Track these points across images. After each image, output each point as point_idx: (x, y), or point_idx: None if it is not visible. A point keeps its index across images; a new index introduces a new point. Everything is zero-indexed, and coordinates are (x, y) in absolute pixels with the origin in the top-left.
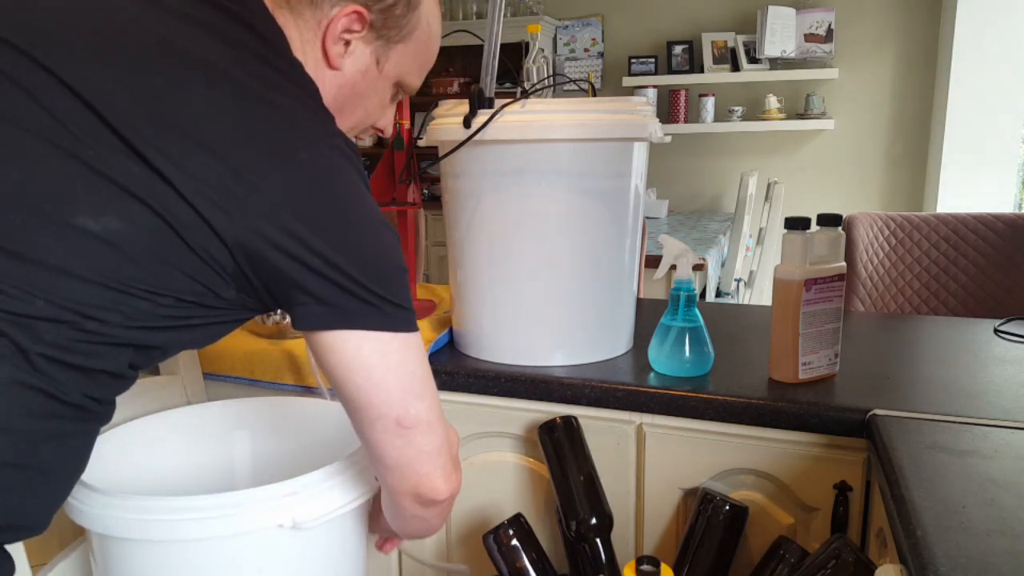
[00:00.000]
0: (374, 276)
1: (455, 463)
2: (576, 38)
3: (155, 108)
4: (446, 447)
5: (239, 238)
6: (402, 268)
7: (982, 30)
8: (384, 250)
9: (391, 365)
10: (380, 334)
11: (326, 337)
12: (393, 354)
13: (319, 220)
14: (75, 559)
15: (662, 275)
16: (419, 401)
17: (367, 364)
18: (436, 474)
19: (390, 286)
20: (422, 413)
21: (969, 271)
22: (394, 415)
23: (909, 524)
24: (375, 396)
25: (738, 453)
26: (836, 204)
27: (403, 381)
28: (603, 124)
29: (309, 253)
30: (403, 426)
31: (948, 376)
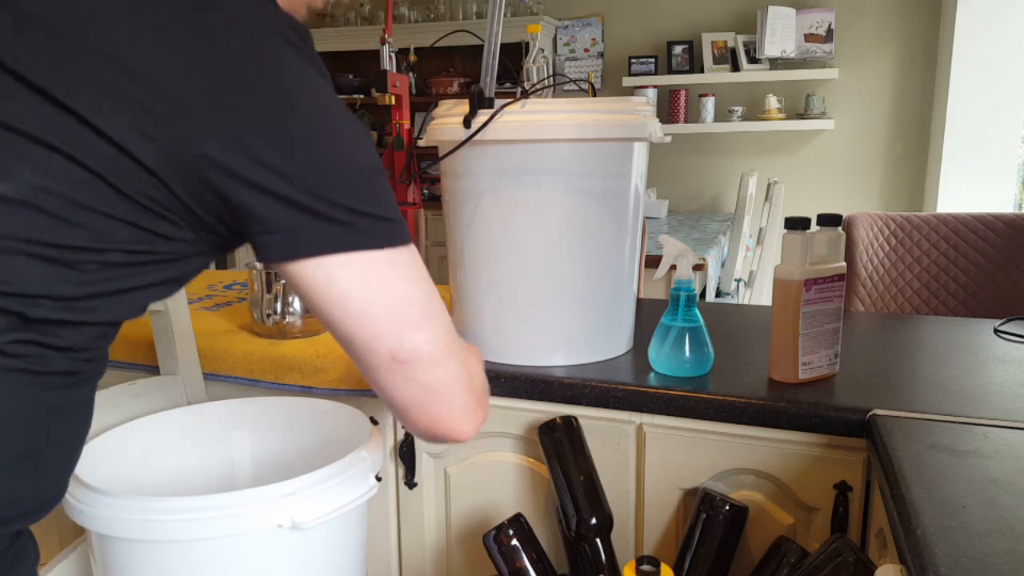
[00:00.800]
0: (338, 183)
1: (478, 397)
2: (576, 38)
3: (58, 38)
4: (461, 381)
5: (169, 165)
6: (375, 169)
7: (982, 30)
8: (348, 149)
9: (373, 291)
10: (353, 255)
11: (293, 268)
12: (373, 278)
13: (259, 121)
14: (75, 559)
15: (662, 275)
16: (417, 331)
17: (343, 293)
18: (450, 414)
19: (359, 193)
20: (421, 344)
21: (969, 271)
22: (387, 350)
23: (909, 524)
24: (360, 330)
25: (738, 453)
26: (836, 204)
27: (392, 308)
28: (603, 124)
29: (252, 165)
30: (400, 361)
31: (948, 376)
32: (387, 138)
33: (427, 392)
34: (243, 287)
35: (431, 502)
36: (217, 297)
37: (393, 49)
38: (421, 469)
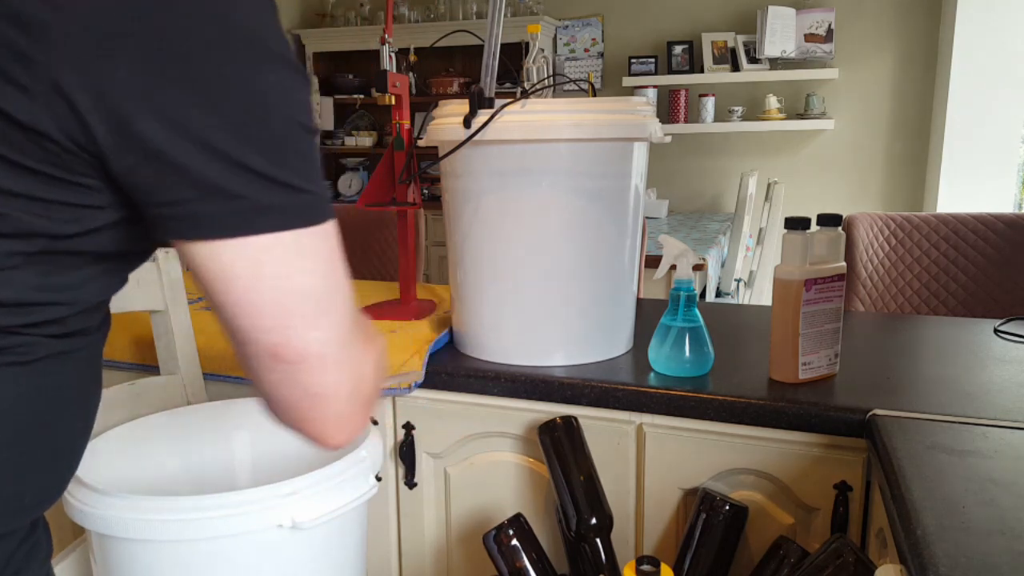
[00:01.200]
0: (245, 137)
1: (360, 406)
2: (576, 38)
3: None
4: (346, 387)
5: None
6: (299, 124)
7: (982, 30)
8: (263, 93)
9: (265, 277)
10: (251, 239)
11: (180, 246)
12: (270, 263)
13: (150, 59)
14: (75, 559)
15: (662, 275)
16: (309, 329)
17: (228, 277)
18: (324, 422)
19: (273, 153)
20: (312, 345)
21: (969, 271)
22: (268, 343)
23: (909, 524)
24: (241, 319)
25: (738, 453)
26: (836, 204)
27: (284, 300)
28: (603, 124)
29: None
30: (282, 359)
31: (948, 376)
32: (387, 138)
33: (306, 396)
34: None
35: (431, 502)
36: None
37: (393, 49)
38: (421, 469)
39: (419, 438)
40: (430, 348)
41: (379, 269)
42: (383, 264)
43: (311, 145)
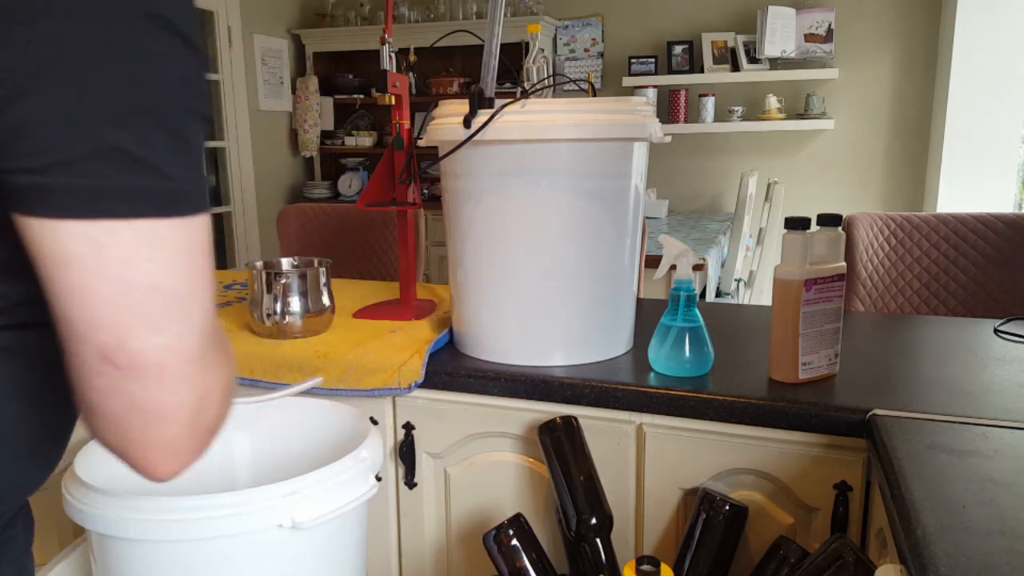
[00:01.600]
0: (111, 108)
1: (199, 434)
2: (576, 38)
3: None
4: (186, 410)
5: None
6: (184, 107)
7: (982, 30)
8: (143, 63)
9: (106, 265)
10: (96, 222)
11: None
12: (115, 251)
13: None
14: (75, 559)
15: (662, 275)
16: (153, 332)
17: (66, 259)
18: (153, 447)
19: (143, 131)
20: (152, 352)
21: (969, 271)
22: (99, 342)
23: (909, 524)
24: (73, 308)
25: (738, 453)
26: (836, 204)
27: (125, 294)
28: (603, 124)
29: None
30: (111, 363)
31: (948, 376)
32: (387, 138)
33: (133, 411)
34: (243, 287)
35: (431, 502)
36: (217, 297)
37: (393, 49)
38: (421, 469)
39: (419, 438)
40: (430, 348)
41: (379, 269)
42: (383, 264)
43: (194, 132)
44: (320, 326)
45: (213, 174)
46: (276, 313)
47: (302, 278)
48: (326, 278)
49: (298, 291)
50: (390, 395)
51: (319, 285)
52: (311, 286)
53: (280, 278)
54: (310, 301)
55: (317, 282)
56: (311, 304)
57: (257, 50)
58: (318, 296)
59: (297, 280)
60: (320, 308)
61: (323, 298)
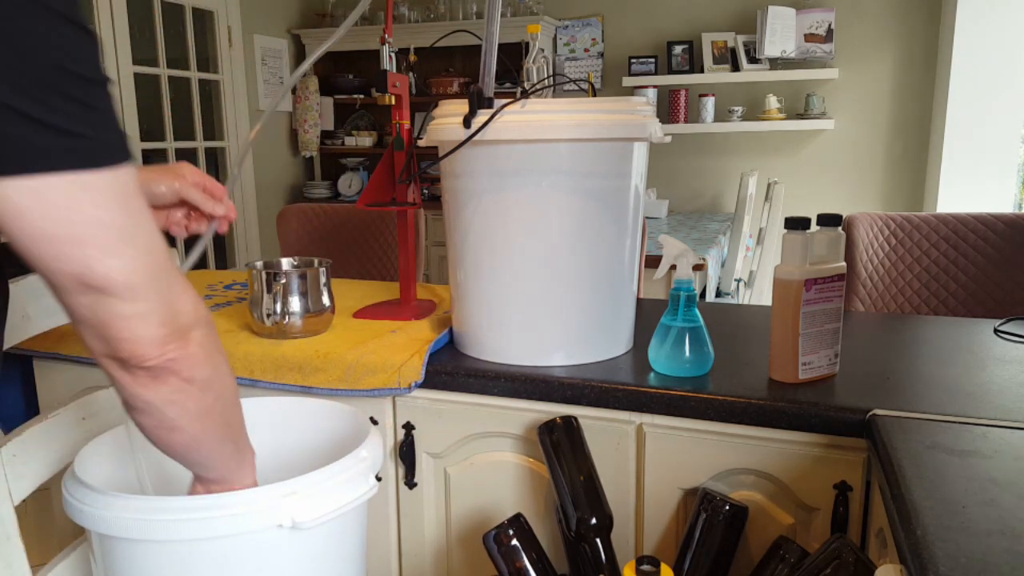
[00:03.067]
0: (11, 83)
1: (176, 332)
2: (576, 38)
3: None
4: (159, 314)
5: None
6: (75, 74)
7: (982, 30)
8: (34, 45)
9: (54, 210)
10: (27, 180)
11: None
12: (55, 199)
13: None
14: (75, 559)
15: (662, 275)
16: (110, 256)
17: (15, 212)
18: (139, 340)
19: (43, 99)
20: (115, 272)
21: (969, 271)
22: (72, 272)
23: (909, 524)
24: (39, 250)
25: (738, 453)
26: (836, 204)
27: (78, 231)
28: (603, 124)
29: None
30: (89, 285)
31: (948, 376)
32: (387, 138)
33: (115, 318)
34: (243, 287)
35: (431, 502)
36: (217, 297)
37: (393, 49)
38: (421, 469)
39: (419, 438)
40: (430, 348)
41: (379, 269)
42: (383, 264)
43: (92, 94)
44: (320, 326)
45: (213, 174)
46: (276, 313)
47: (302, 278)
48: (326, 278)
49: (298, 291)
50: (390, 395)
51: (319, 285)
52: (311, 286)
53: (280, 278)
54: (310, 301)
55: (317, 282)
56: (311, 304)
57: (257, 50)
58: (318, 296)
59: (297, 280)
60: (320, 308)
61: (323, 298)
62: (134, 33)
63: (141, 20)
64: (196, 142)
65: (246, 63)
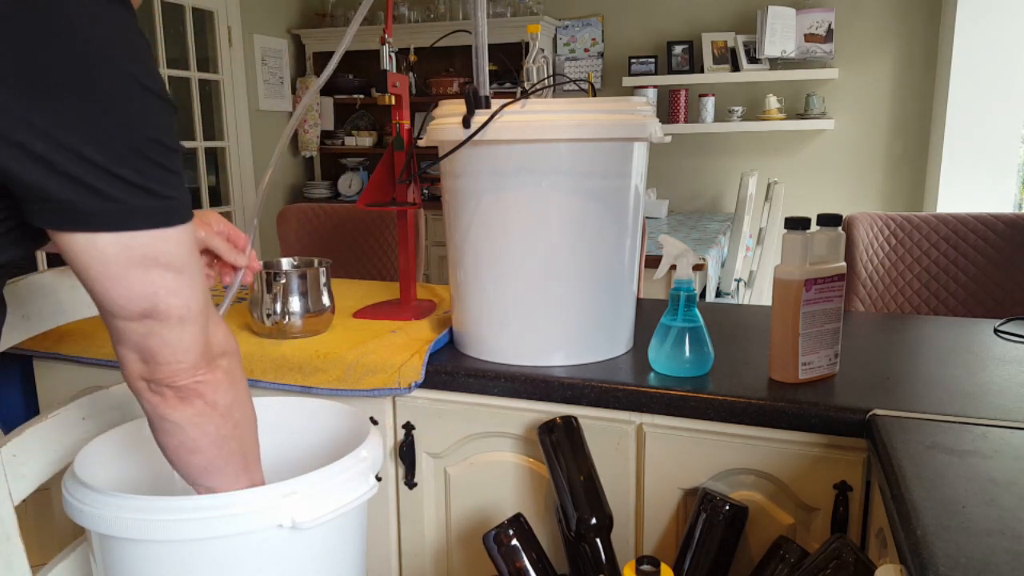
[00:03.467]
0: (113, 154)
1: (207, 358)
2: (576, 38)
3: None
4: (199, 343)
5: None
6: (161, 144)
7: (982, 30)
8: (130, 115)
9: (134, 260)
10: (120, 235)
11: (58, 236)
12: (139, 248)
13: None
14: (75, 559)
15: (662, 275)
16: (173, 296)
17: (102, 259)
18: (179, 365)
19: (139, 167)
20: (174, 309)
21: (969, 271)
22: (139, 307)
23: (909, 524)
24: (115, 290)
25: (738, 453)
26: (836, 204)
27: (153, 277)
28: (603, 124)
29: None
30: (150, 316)
31: (948, 376)
32: (387, 138)
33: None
34: (243, 287)
35: (431, 502)
36: (217, 297)
37: (393, 49)
38: (421, 469)
39: (419, 438)
40: (430, 348)
41: (379, 269)
42: (383, 264)
43: (173, 160)
44: (320, 326)
45: (213, 174)
46: (276, 313)
47: (302, 278)
48: (326, 278)
49: (298, 291)
50: (390, 395)
51: (319, 285)
52: (311, 286)
53: (280, 278)
54: (310, 301)
55: (317, 282)
56: (311, 304)
57: (257, 50)
58: (318, 296)
59: (297, 280)
60: (320, 308)
61: (323, 298)
62: None
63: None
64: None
65: (246, 63)
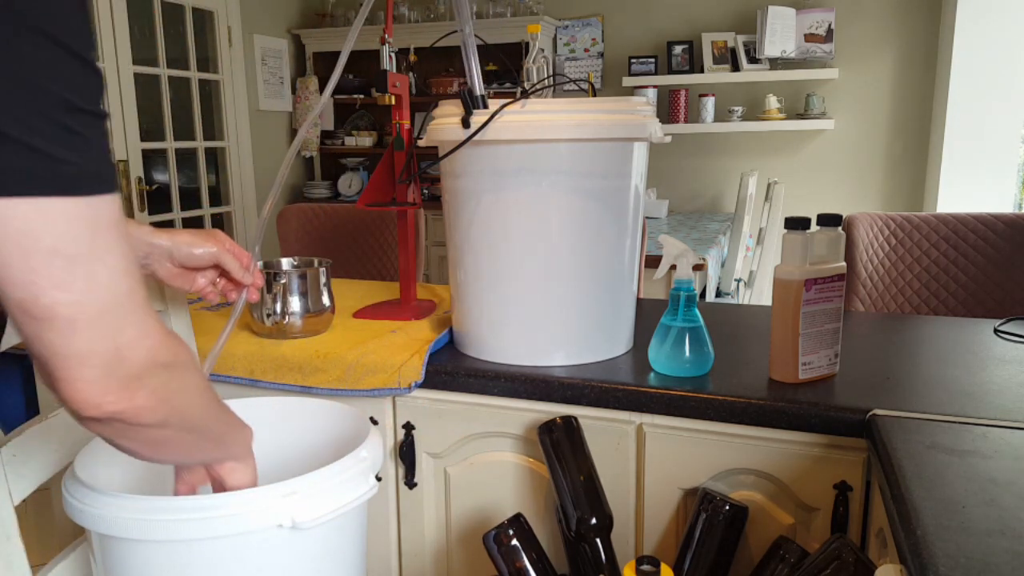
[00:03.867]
0: (10, 109)
1: (119, 381)
2: (576, 38)
3: None
4: (100, 357)
5: None
6: (69, 103)
7: (982, 30)
8: (31, 71)
9: (11, 235)
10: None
11: None
12: (16, 222)
13: None
14: (75, 559)
15: (662, 275)
16: (59, 290)
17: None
18: (74, 384)
19: (31, 123)
20: (59, 307)
21: (969, 271)
22: (17, 298)
23: (909, 524)
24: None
25: (738, 453)
26: (836, 204)
27: (31, 259)
28: (603, 124)
29: None
30: (29, 314)
31: (948, 376)
32: (387, 138)
33: (56, 356)
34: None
35: (431, 502)
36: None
37: (393, 49)
38: (421, 469)
39: (419, 438)
40: (430, 348)
41: (379, 269)
42: (383, 264)
43: (82, 122)
44: (320, 326)
45: (213, 174)
46: (276, 313)
47: (302, 278)
48: (326, 278)
49: (298, 291)
50: (390, 395)
51: (319, 285)
52: (311, 286)
53: (280, 278)
54: (310, 301)
55: (317, 282)
56: (311, 304)
57: (257, 50)
58: (318, 296)
59: (297, 280)
60: (320, 308)
61: (323, 298)
62: (134, 33)
63: (141, 20)
64: (196, 142)
65: (246, 63)
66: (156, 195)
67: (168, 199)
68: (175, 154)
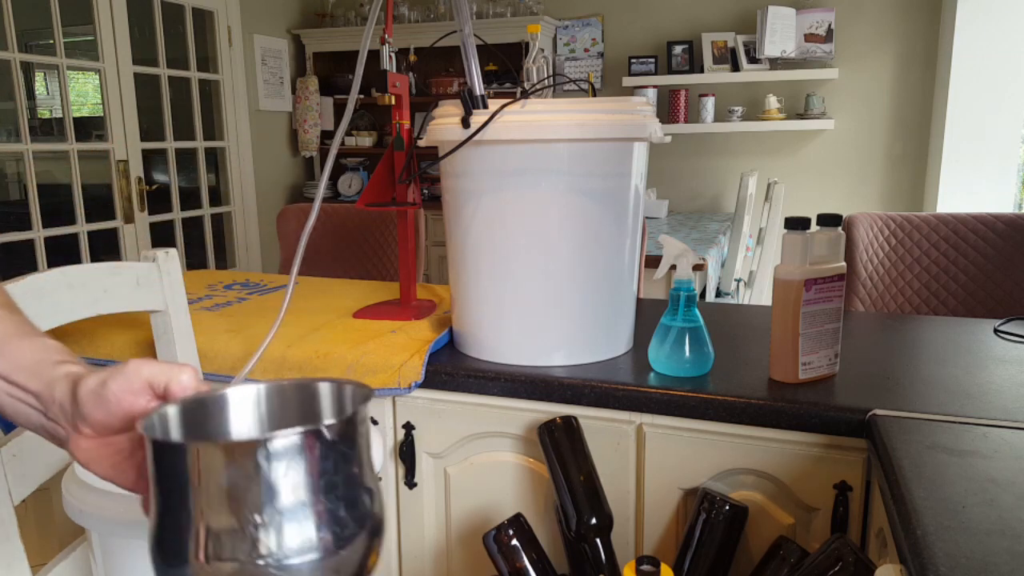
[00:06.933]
0: None
1: None
2: (576, 38)
3: None
4: None
5: None
6: None
7: (982, 30)
8: None
9: None
10: None
11: None
12: None
13: None
14: (75, 559)
15: (662, 275)
16: None
17: None
18: None
19: None
20: None
21: (969, 271)
22: None
23: (909, 524)
24: None
25: (738, 453)
26: (836, 204)
27: None
28: (603, 124)
29: None
30: None
31: (948, 376)
32: (387, 138)
33: None
34: (243, 287)
35: (431, 502)
36: (217, 297)
37: (393, 49)
38: (421, 469)
39: (419, 438)
40: (430, 348)
41: (379, 269)
42: (383, 264)
43: None
44: (320, 326)
45: (213, 174)
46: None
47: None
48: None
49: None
50: (390, 395)
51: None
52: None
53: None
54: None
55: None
56: None
57: (257, 50)
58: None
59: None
60: None
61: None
62: (134, 33)
63: (141, 20)
64: (196, 142)
65: (246, 63)
66: (156, 195)
67: (168, 199)
68: (175, 154)
